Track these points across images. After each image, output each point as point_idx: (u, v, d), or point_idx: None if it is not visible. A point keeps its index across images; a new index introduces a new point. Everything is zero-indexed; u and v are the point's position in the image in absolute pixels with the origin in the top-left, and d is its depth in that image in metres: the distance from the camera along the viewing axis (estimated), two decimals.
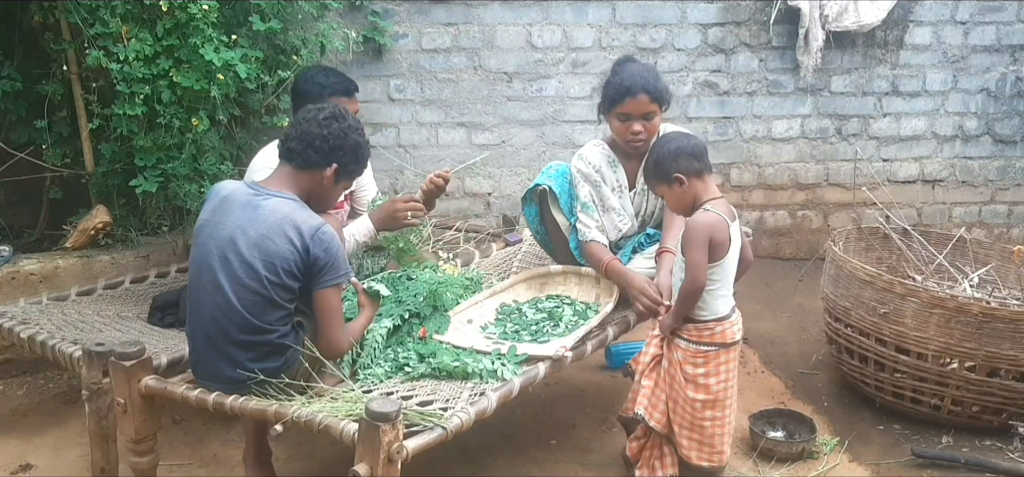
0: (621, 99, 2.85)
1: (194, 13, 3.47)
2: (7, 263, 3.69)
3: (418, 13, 4.66)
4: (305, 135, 2.43)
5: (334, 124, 2.44)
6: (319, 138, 2.42)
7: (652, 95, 2.83)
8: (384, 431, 1.93)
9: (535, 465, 2.98)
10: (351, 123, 2.48)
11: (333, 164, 2.45)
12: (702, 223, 2.47)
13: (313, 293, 2.38)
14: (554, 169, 3.06)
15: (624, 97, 2.84)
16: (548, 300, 3.01)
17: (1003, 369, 3.01)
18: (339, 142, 2.44)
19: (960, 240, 3.68)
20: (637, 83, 2.82)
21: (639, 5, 4.76)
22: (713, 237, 2.46)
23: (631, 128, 2.86)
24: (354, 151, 2.48)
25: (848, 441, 3.12)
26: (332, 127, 2.43)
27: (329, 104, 2.55)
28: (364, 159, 2.55)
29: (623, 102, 2.85)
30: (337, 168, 2.46)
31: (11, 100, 3.84)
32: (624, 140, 2.91)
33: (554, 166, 3.08)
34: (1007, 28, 4.95)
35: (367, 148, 2.56)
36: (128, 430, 2.42)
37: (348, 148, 2.46)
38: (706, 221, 2.47)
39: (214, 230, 2.37)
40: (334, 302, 2.40)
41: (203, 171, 3.71)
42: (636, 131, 2.87)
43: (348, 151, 2.47)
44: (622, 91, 2.84)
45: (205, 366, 2.40)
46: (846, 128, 5.05)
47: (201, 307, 2.37)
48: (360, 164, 2.54)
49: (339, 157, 2.45)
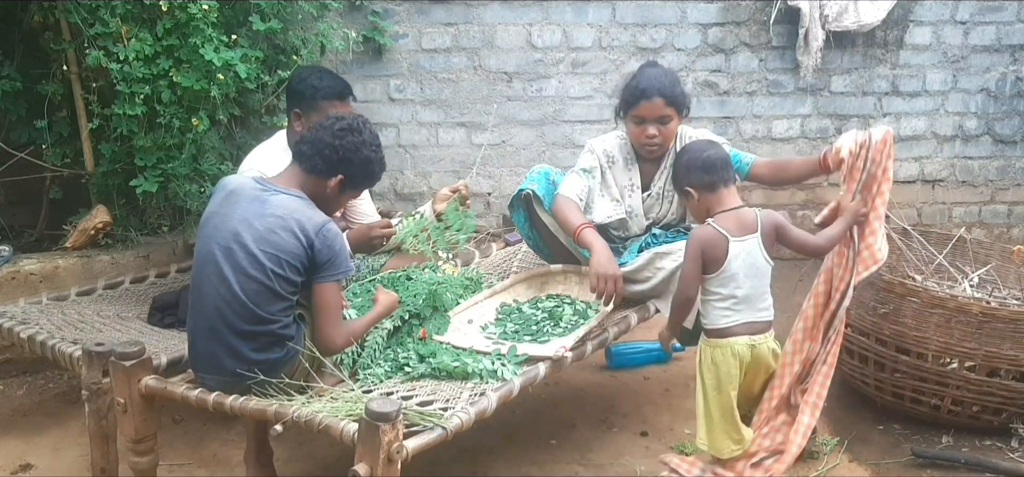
0: (636, 102, 2.86)
1: (194, 13, 3.47)
2: (7, 263, 3.69)
3: (418, 13, 4.66)
4: (318, 142, 2.45)
5: (348, 137, 2.45)
6: (330, 148, 2.43)
7: (668, 99, 2.84)
8: (384, 431, 1.93)
9: (535, 465, 2.98)
10: (367, 138, 2.49)
11: (339, 175, 2.46)
12: (696, 237, 2.55)
13: (314, 287, 2.39)
14: (537, 172, 3.06)
15: (639, 100, 2.85)
16: (548, 300, 3.01)
17: (1003, 369, 3.01)
18: (349, 155, 2.45)
19: (960, 240, 3.68)
20: (653, 87, 2.83)
21: (639, 5, 4.76)
22: (705, 252, 2.52)
23: (646, 132, 2.87)
24: (363, 166, 2.50)
25: (848, 441, 3.12)
26: (345, 140, 2.44)
27: (352, 115, 2.56)
28: (374, 174, 2.56)
29: (638, 105, 2.86)
30: (342, 179, 2.47)
31: (11, 100, 3.84)
32: (639, 143, 2.92)
33: (537, 169, 3.09)
34: (1007, 28, 4.95)
35: (380, 164, 2.56)
36: (128, 430, 2.42)
37: (358, 163, 2.48)
38: (700, 236, 2.54)
39: (220, 221, 2.38)
40: (331, 297, 2.41)
41: (203, 171, 3.71)
42: (651, 135, 2.87)
43: (357, 165, 2.48)
44: (637, 94, 2.85)
45: (206, 358, 2.40)
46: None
47: (204, 297, 2.38)
48: (369, 179, 2.56)
49: (346, 169, 2.46)
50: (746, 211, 2.59)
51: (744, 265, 2.53)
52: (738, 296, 2.54)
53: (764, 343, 2.61)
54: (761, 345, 2.60)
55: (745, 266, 2.53)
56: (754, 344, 2.59)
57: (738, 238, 2.53)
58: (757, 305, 2.58)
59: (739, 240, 2.53)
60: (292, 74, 3.38)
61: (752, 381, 2.67)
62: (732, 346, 2.57)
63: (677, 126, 2.92)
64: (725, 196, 2.59)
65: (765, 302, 2.60)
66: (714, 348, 2.59)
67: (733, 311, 2.56)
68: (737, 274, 2.53)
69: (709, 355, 2.60)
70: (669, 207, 3.05)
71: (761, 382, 2.70)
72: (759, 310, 2.59)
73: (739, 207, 2.59)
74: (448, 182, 4.84)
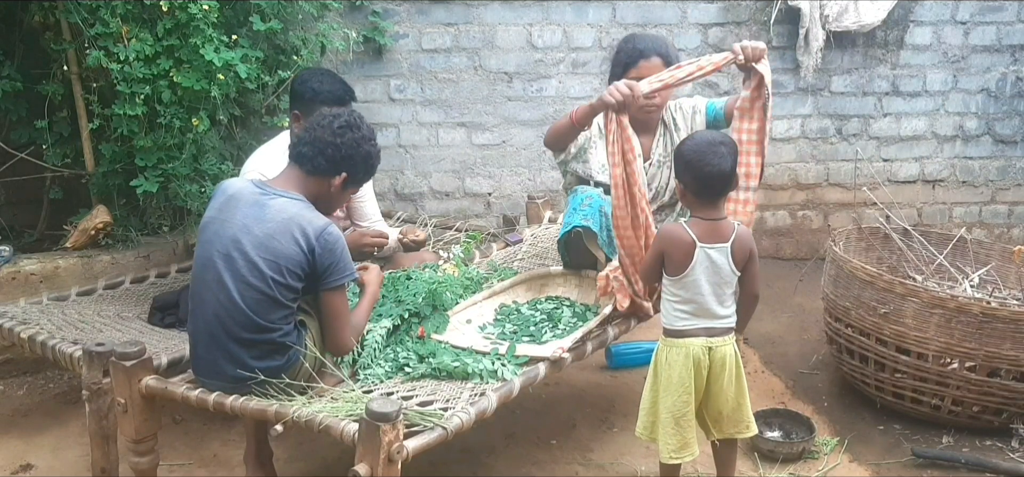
0: (634, 62, 2.84)
1: (194, 13, 3.47)
2: (7, 263, 3.69)
3: (418, 13, 4.65)
4: (318, 141, 2.43)
5: (348, 134, 2.44)
6: (331, 147, 2.42)
7: (665, 59, 2.83)
8: (384, 431, 1.93)
9: (535, 465, 2.98)
10: (365, 133, 2.49)
11: (342, 173, 2.46)
12: (663, 233, 2.51)
13: (320, 295, 2.39)
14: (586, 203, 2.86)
15: (638, 60, 2.83)
16: (547, 302, 3.01)
17: (1003, 369, 3.01)
18: (351, 152, 2.45)
19: (960, 240, 3.68)
20: (651, 47, 2.83)
21: (639, 5, 4.76)
22: (667, 250, 2.47)
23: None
24: (364, 161, 2.50)
25: (848, 441, 3.12)
26: (346, 137, 2.44)
27: (346, 111, 2.56)
28: (373, 168, 2.57)
29: (636, 66, 2.83)
30: (346, 177, 2.47)
31: (11, 100, 3.84)
32: (637, 105, 2.69)
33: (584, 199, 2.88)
34: (1007, 28, 4.95)
35: (377, 157, 2.56)
36: (128, 430, 2.42)
37: (359, 159, 2.48)
38: (666, 233, 2.50)
39: (219, 228, 2.37)
40: (340, 303, 2.41)
41: (203, 171, 3.71)
42: (649, 96, 2.71)
43: (359, 161, 2.48)
44: (635, 54, 2.84)
45: (207, 364, 2.40)
46: (846, 128, 5.05)
47: (204, 304, 2.37)
48: (369, 173, 2.57)
49: (349, 167, 2.46)
50: (725, 223, 2.49)
51: (707, 272, 2.44)
52: (698, 302, 2.46)
53: (724, 346, 2.50)
54: (720, 348, 2.49)
55: (708, 273, 2.44)
56: (711, 347, 2.48)
57: (707, 244, 2.44)
58: (718, 313, 2.48)
59: (707, 247, 2.44)
60: (295, 75, 3.38)
61: (720, 387, 2.52)
62: (687, 347, 2.47)
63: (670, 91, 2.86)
64: (711, 207, 2.48)
65: (728, 310, 2.50)
66: (670, 348, 2.51)
67: (692, 317, 2.47)
68: (699, 280, 2.44)
69: (664, 354, 2.52)
70: (670, 174, 2.98)
71: (733, 388, 2.53)
72: (719, 318, 2.49)
73: (721, 219, 2.48)
74: (448, 182, 4.87)
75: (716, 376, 2.50)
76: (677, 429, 2.49)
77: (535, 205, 4.01)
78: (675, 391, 2.48)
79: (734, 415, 2.55)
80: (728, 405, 2.53)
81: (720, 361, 2.49)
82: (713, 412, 2.55)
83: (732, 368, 2.51)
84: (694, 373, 2.47)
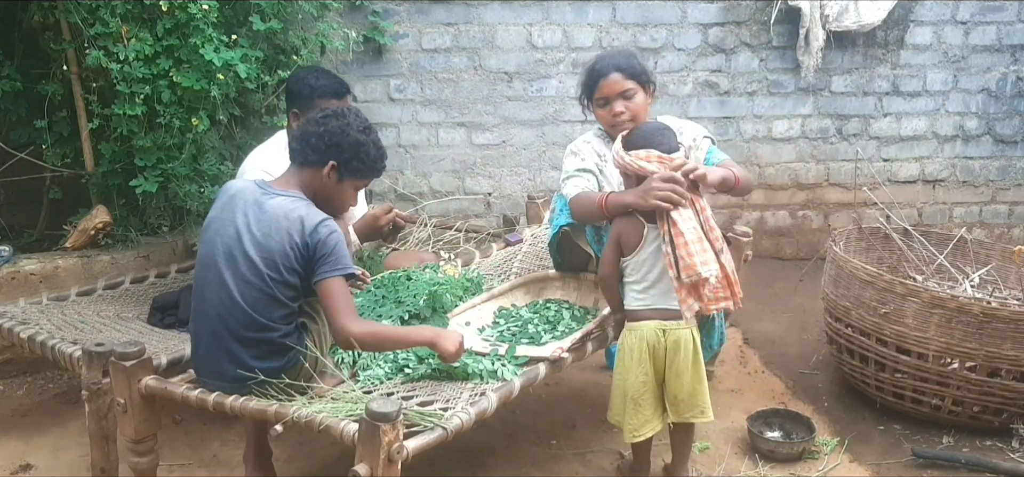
0: (595, 84, 2.85)
1: (194, 13, 3.47)
2: (7, 263, 3.69)
3: (418, 13, 4.65)
4: (304, 134, 2.45)
5: (332, 122, 2.44)
6: (315, 136, 2.42)
7: (625, 72, 2.81)
8: (384, 431, 1.93)
9: (535, 465, 2.98)
10: (351, 121, 2.46)
11: (330, 161, 2.43)
12: (616, 220, 2.62)
13: (317, 286, 2.34)
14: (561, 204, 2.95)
15: (597, 81, 2.84)
16: (546, 305, 3.00)
17: (1004, 369, 3.01)
18: (336, 139, 2.42)
19: (961, 240, 3.68)
20: (607, 65, 2.83)
21: (639, 5, 4.76)
22: (622, 235, 2.60)
23: (613, 110, 2.81)
24: (354, 148, 2.44)
25: (848, 441, 3.12)
26: (329, 124, 2.43)
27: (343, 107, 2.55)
28: (370, 156, 2.48)
29: (598, 87, 2.84)
30: (335, 165, 2.43)
31: (11, 100, 3.84)
32: (610, 125, 2.84)
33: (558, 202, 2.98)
34: (1007, 28, 4.95)
35: (375, 147, 2.49)
36: (128, 430, 2.41)
37: (347, 145, 2.43)
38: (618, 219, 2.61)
39: (220, 228, 2.38)
40: (337, 289, 2.33)
41: (203, 171, 3.71)
42: (618, 112, 2.80)
43: (347, 148, 2.43)
44: (594, 76, 2.85)
45: (208, 364, 2.40)
46: (846, 128, 5.05)
47: (206, 304, 2.38)
48: (366, 162, 2.47)
49: (336, 154, 2.43)
50: None
51: (657, 251, 2.52)
52: (649, 280, 2.56)
53: (679, 330, 2.54)
54: (674, 331, 2.53)
55: (657, 252, 2.52)
56: (665, 329, 2.54)
57: (656, 225, 2.52)
58: (670, 292, 2.52)
59: (656, 226, 2.52)
60: (290, 74, 3.38)
61: (676, 371, 2.55)
62: (641, 330, 2.56)
63: (644, 100, 2.84)
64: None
65: None
66: (628, 331, 2.62)
67: (644, 294, 2.58)
68: (648, 258, 2.55)
69: (624, 338, 2.63)
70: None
71: (688, 373, 2.55)
72: (672, 297, 2.52)
73: None
74: (448, 182, 4.87)
75: (671, 360, 2.56)
76: (636, 409, 2.58)
77: (535, 205, 4.02)
78: (632, 373, 2.57)
79: (690, 399, 2.59)
80: (684, 389, 2.58)
81: (674, 344, 2.55)
82: (670, 395, 2.60)
83: (689, 353, 2.56)
84: (650, 355, 2.55)
